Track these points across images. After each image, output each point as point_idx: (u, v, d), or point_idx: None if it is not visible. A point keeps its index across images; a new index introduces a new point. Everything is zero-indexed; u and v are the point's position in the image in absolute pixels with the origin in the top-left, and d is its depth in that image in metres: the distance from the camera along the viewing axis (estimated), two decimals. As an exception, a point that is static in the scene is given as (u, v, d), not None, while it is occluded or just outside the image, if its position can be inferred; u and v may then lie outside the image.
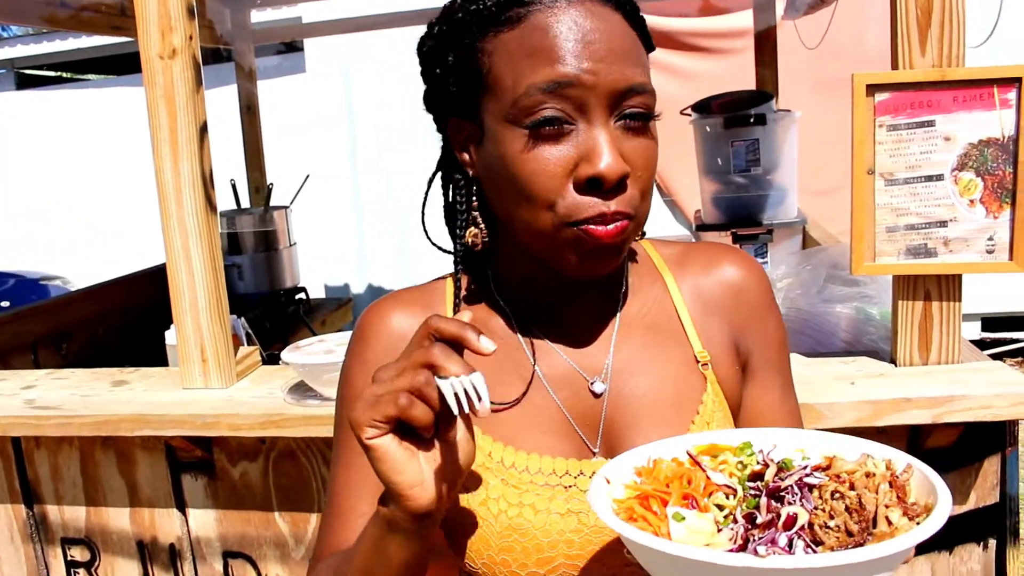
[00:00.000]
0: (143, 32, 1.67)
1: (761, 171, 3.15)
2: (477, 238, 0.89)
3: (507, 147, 0.80)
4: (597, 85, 0.77)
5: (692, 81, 4.86)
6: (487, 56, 0.81)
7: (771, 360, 0.95)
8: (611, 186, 0.78)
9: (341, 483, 0.90)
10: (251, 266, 3.74)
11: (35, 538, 1.94)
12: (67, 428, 1.74)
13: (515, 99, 0.78)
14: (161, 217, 1.74)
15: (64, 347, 3.13)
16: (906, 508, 0.61)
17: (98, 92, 6.92)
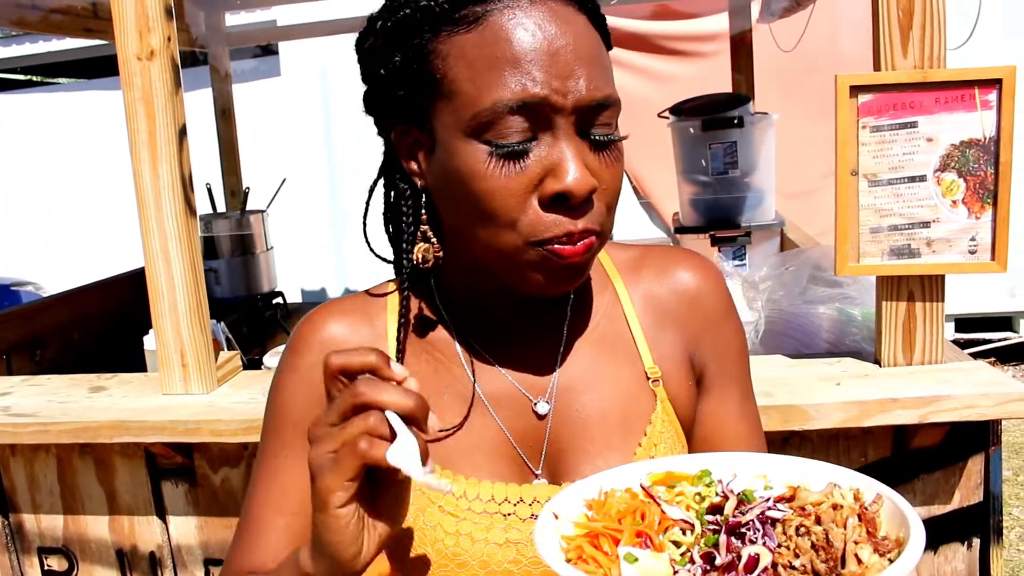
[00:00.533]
0: (120, 33, 1.64)
1: (739, 173, 3.16)
2: (429, 254, 0.82)
3: (464, 161, 0.74)
4: (566, 104, 0.72)
5: (666, 84, 4.88)
6: (441, 60, 0.74)
7: (728, 371, 0.91)
8: (579, 202, 0.73)
9: (260, 496, 0.87)
10: (228, 270, 3.69)
11: (11, 547, 1.90)
12: (44, 436, 1.70)
13: (476, 112, 0.72)
14: (140, 220, 1.71)
15: (38, 354, 3.07)
16: (877, 544, 0.58)
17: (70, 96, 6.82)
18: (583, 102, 0.73)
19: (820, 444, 1.48)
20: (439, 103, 0.75)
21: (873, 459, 1.47)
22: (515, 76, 0.71)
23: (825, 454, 1.48)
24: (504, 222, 0.74)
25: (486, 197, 0.73)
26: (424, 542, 0.81)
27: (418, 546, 0.82)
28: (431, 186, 0.80)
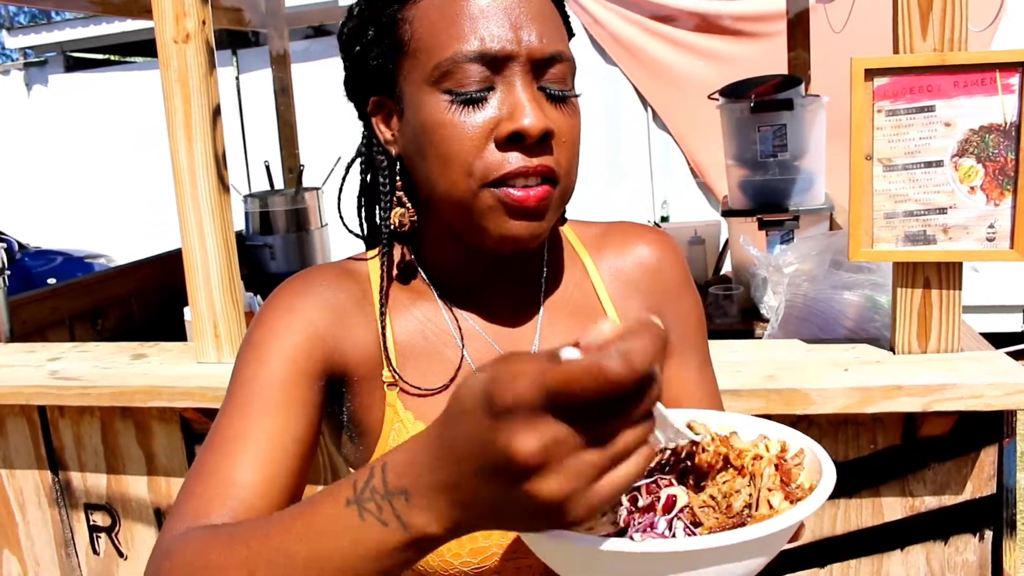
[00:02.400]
0: (158, 17, 1.72)
1: (788, 156, 3.12)
2: (404, 218, 0.86)
3: (427, 112, 0.78)
4: (519, 52, 0.76)
5: (725, 64, 4.81)
6: (408, 24, 0.80)
7: (688, 338, 0.95)
8: (533, 141, 0.76)
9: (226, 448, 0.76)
10: (283, 246, 3.81)
11: (60, 503, 2.02)
12: (85, 398, 1.80)
13: (437, 63, 0.77)
14: (176, 197, 1.79)
15: (99, 323, 3.23)
16: (788, 492, 0.61)
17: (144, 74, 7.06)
18: (535, 54, 0.77)
19: (828, 429, 1.48)
20: (405, 63, 0.80)
21: (882, 446, 1.46)
22: (472, 28, 0.76)
23: (834, 439, 1.48)
24: (461, 165, 0.77)
25: (445, 142, 0.77)
26: None
27: None
28: (403, 152, 0.85)
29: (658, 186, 5.73)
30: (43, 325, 2.94)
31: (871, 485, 1.48)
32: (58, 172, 7.41)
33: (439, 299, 0.91)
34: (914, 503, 1.48)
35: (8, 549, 2.07)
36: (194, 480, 0.74)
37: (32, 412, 1.97)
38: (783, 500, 0.60)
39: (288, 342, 0.81)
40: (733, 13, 4.81)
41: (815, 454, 0.64)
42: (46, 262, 5.75)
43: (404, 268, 0.92)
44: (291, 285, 0.88)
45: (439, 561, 0.85)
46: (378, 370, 0.87)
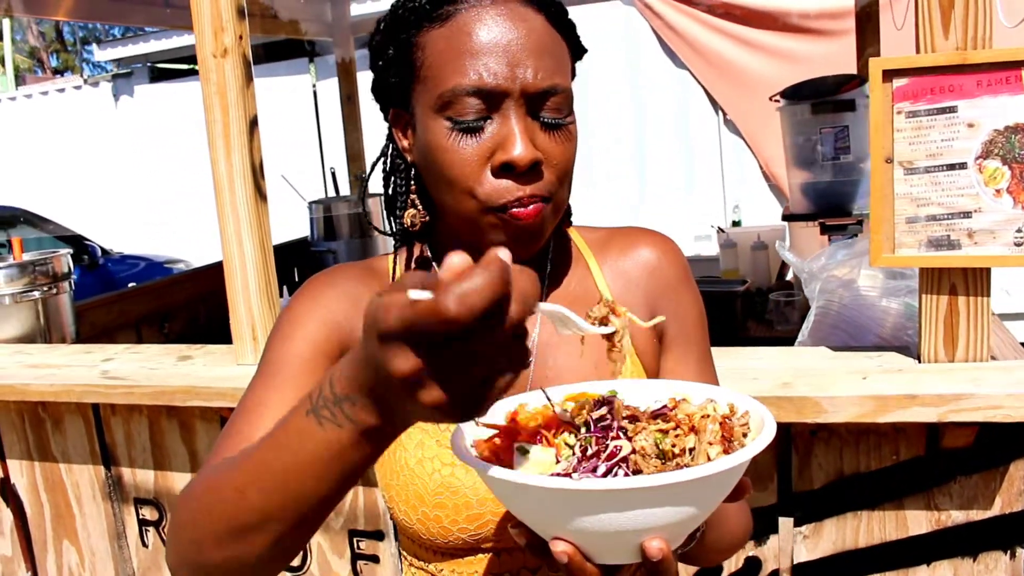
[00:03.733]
0: (199, 32, 1.82)
1: (851, 159, 3.07)
2: (415, 219, 0.97)
3: (432, 136, 0.88)
4: (512, 88, 0.85)
5: (793, 64, 4.72)
6: (420, 50, 0.89)
7: (687, 333, 1.01)
8: (523, 171, 0.85)
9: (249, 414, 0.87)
10: (346, 251, 3.92)
11: (112, 497, 2.15)
12: (130, 397, 1.92)
13: (440, 93, 0.86)
14: (216, 205, 1.89)
15: (166, 326, 3.40)
16: (727, 447, 0.66)
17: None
18: (529, 88, 0.86)
19: (849, 438, 1.46)
20: (417, 86, 0.90)
21: (906, 457, 1.44)
22: (472, 64, 0.85)
23: (855, 449, 1.46)
24: (463, 189, 0.87)
25: (447, 166, 0.87)
26: (423, 472, 0.93)
27: (418, 477, 0.93)
28: (416, 160, 0.95)
29: (729, 191, 5.66)
30: (111, 328, 3.11)
31: (894, 497, 1.46)
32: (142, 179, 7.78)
33: None
34: (940, 517, 1.45)
35: (67, 539, 2.21)
36: (221, 440, 0.86)
37: (87, 410, 2.10)
38: (720, 453, 0.65)
39: (311, 326, 0.93)
40: (801, 10, 4.73)
41: (762, 416, 0.69)
42: (128, 267, 6.05)
43: (419, 263, 1.02)
44: (317, 280, 0.99)
45: (439, 528, 0.93)
46: None
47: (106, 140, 8.11)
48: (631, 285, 1.02)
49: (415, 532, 0.95)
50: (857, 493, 1.47)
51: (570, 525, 0.62)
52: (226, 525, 0.71)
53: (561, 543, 0.65)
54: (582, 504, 0.60)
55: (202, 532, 0.73)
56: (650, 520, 0.61)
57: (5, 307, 2.49)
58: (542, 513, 0.64)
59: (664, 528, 0.62)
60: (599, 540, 0.63)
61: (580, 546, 0.64)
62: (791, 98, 3.15)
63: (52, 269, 2.57)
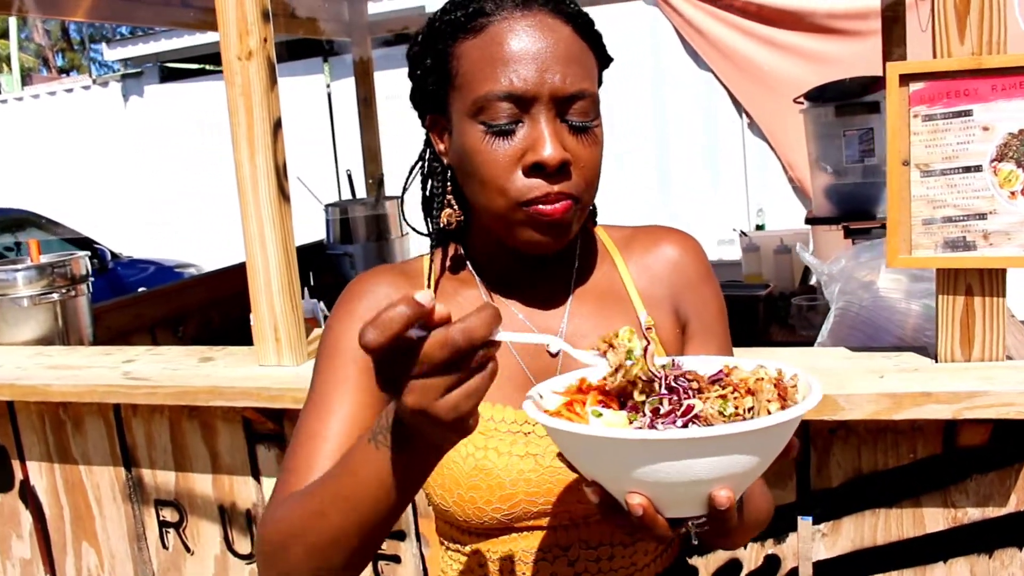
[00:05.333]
0: (224, 36, 1.92)
1: (876, 162, 3.14)
2: (452, 218, 1.07)
3: (468, 139, 0.98)
4: (542, 93, 0.95)
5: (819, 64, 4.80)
6: (456, 60, 0.99)
7: (709, 326, 1.12)
8: (553, 171, 0.95)
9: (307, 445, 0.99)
10: (363, 254, 4.02)
11: (133, 498, 2.25)
12: (153, 397, 2.02)
13: (475, 99, 0.96)
14: (240, 206, 1.99)
15: (180, 330, 3.50)
16: (784, 404, 0.77)
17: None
18: (558, 93, 0.96)
19: (867, 437, 1.54)
20: (453, 93, 1.00)
21: (923, 455, 1.52)
22: (504, 72, 0.96)
23: (873, 447, 1.54)
24: (496, 187, 0.97)
25: (481, 167, 0.97)
26: (458, 456, 1.03)
27: (452, 461, 1.03)
28: (452, 163, 1.06)
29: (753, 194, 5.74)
30: (126, 331, 3.22)
31: (911, 495, 1.54)
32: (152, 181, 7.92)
33: (482, 286, 1.11)
34: (956, 514, 1.52)
35: (87, 541, 2.32)
36: (284, 472, 1.00)
37: (108, 411, 2.21)
38: (779, 409, 0.76)
39: (352, 345, 1.04)
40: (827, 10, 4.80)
41: (807, 380, 0.80)
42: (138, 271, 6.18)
43: (454, 261, 1.13)
44: (351, 290, 1.10)
45: (474, 510, 1.02)
46: None
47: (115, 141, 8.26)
48: (655, 280, 1.12)
49: (451, 515, 1.05)
50: (875, 491, 1.55)
51: (648, 476, 0.72)
52: (312, 544, 0.86)
53: (637, 496, 0.75)
54: (665, 453, 0.70)
55: (292, 553, 0.88)
56: (721, 468, 0.71)
57: (24, 309, 2.60)
58: (622, 466, 0.73)
59: (731, 477, 0.73)
60: (673, 491, 0.73)
61: (653, 499, 0.74)
62: (815, 100, 3.22)
63: (70, 271, 2.68)
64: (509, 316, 1.09)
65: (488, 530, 1.05)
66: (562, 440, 0.78)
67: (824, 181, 3.26)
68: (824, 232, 3.26)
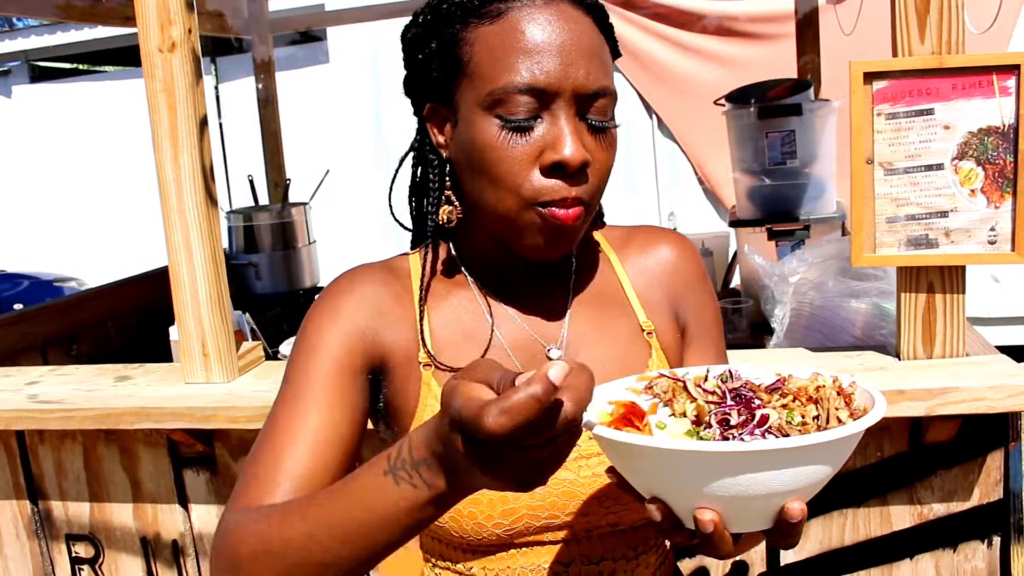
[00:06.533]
0: (143, 26, 1.82)
1: (798, 164, 3.23)
2: (452, 215, 1.02)
3: (479, 133, 0.93)
4: (564, 87, 0.91)
5: (732, 68, 4.93)
6: (468, 46, 0.95)
7: (706, 329, 1.12)
8: (573, 171, 0.92)
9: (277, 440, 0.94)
10: (268, 265, 3.89)
11: (40, 534, 2.11)
12: (69, 422, 1.89)
13: (492, 90, 0.92)
14: (162, 211, 1.89)
15: (74, 348, 3.32)
16: (852, 411, 0.76)
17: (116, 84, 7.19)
18: (580, 89, 0.93)
19: (834, 439, 1.57)
20: (463, 82, 0.95)
21: (890, 453, 1.56)
22: (525, 63, 0.91)
23: (840, 450, 1.58)
24: (509, 186, 0.93)
25: (496, 164, 0.93)
26: None
27: None
28: (453, 156, 1.01)
29: (664, 196, 5.85)
30: (14, 351, 3.03)
31: (879, 493, 1.58)
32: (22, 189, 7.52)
33: (476, 288, 1.07)
34: (922, 511, 1.57)
35: (-15, 583, 2.16)
36: (250, 469, 0.93)
37: (10, 439, 2.06)
38: (848, 416, 0.75)
39: (334, 342, 0.99)
40: (741, 14, 4.94)
41: (864, 387, 0.80)
42: (12, 286, 5.84)
43: (445, 260, 1.09)
44: (337, 285, 1.05)
45: (472, 525, 0.99)
46: (415, 354, 1.03)
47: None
48: (653, 282, 1.11)
49: (445, 531, 1.01)
50: (843, 491, 1.59)
51: (724, 491, 0.70)
52: (294, 565, 0.80)
53: (708, 511, 0.72)
54: (750, 465, 0.69)
55: (263, 570, 0.81)
56: (799, 480, 0.70)
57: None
58: (698, 481, 0.71)
59: (806, 489, 0.72)
60: (747, 505, 0.72)
61: (722, 514, 0.73)
62: (736, 101, 3.30)
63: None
64: (508, 322, 1.06)
65: (486, 547, 1.02)
66: (627, 455, 0.76)
67: (747, 183, 3.33)
68: (748, 234, 3.33)
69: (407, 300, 1.06)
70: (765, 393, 0.80)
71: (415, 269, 1.09)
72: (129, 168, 6.80)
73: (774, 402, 0.78)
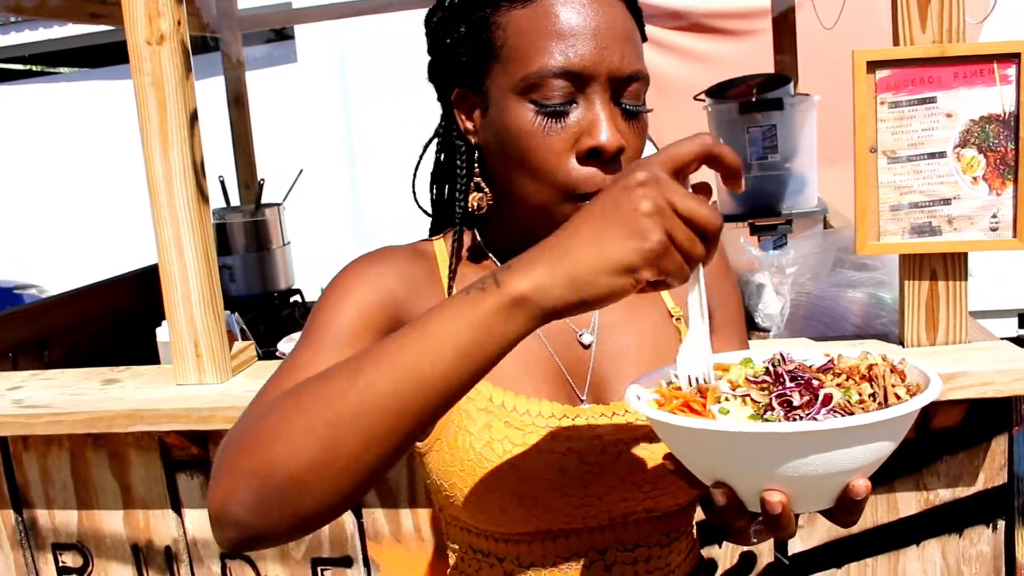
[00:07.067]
0: (129, 18, 1.80)
1: (779, 158, 3.27)
2: (482, 202, 1.02)
3: (513, 119, 0.94)
4: (600, 71, 0.92)
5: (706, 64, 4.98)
6: (500, 30, 0.95)
7: (730, 317, 1.14)
8: (610, 157, 0.92)
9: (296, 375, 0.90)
10: (242, 267, 3.86)
11: (25, 544, 2.07)
12: (58, 426, 1.86)
13: (526, 75, 0.92)
14: (152, 209, 1.87)
15: (45, 354, 3.27)
16: (908, 387, 0.78)
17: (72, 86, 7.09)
18: (615, 73, 0.93)
19: (841, 427, 1.60)
20: (495, 67, 0.96)
21: (896, 442, 1.59)
22: (560, 47, 0.91)
23: (847, 438, 1.61)
24: (545, 177, 0.93)
25: (531, 151, 0.93)
26: (494, 455, 0.98)
27: (487, 460, 0.98)
28: (483, 143, 1.01)
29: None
30: (-16, 358, 2.98)
31: (886, 481, 1.61)
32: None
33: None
34: (928, 497, 1.60)
35: (-33, 596, 2.12)
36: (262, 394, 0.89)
37: (-8, 446, 2.03)
38: (906, 392, 0.77)
39: (363, 296, 0.98)
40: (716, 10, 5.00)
41: (914, 365, 0.82)
42: (-32, 294, 5.74)
43: (471, 247, 1.09)
44: (366, 256, 1.04)
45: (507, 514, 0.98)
46: None
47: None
48: None
49: (478, 521, 1.01)
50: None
51: (795, 471, 0.71)
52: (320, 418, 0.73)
53: (777, 493, 0.74)
54: (824, 443, 0.70)
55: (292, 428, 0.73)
56: (866, 457, 0.72)
57: None
58: (769, 462, 0.72)
59: (870, 466, 0.74)
60: (816, 484, 0.73)
61: (790, 495, 0.74)
62: (716, 97, 3.33)
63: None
64: None
65: (520, 535, 1.03)
66: (694, 441, 0.77)
67: (728, 179, 3.37)
68: (730, 229, 3.37)
69: (435, 283, 1.06)
70: (820, 374, 0.81)
71: (440, 253, 1.09)
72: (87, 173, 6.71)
73: (829, 382, 0.79)
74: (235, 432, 0.80)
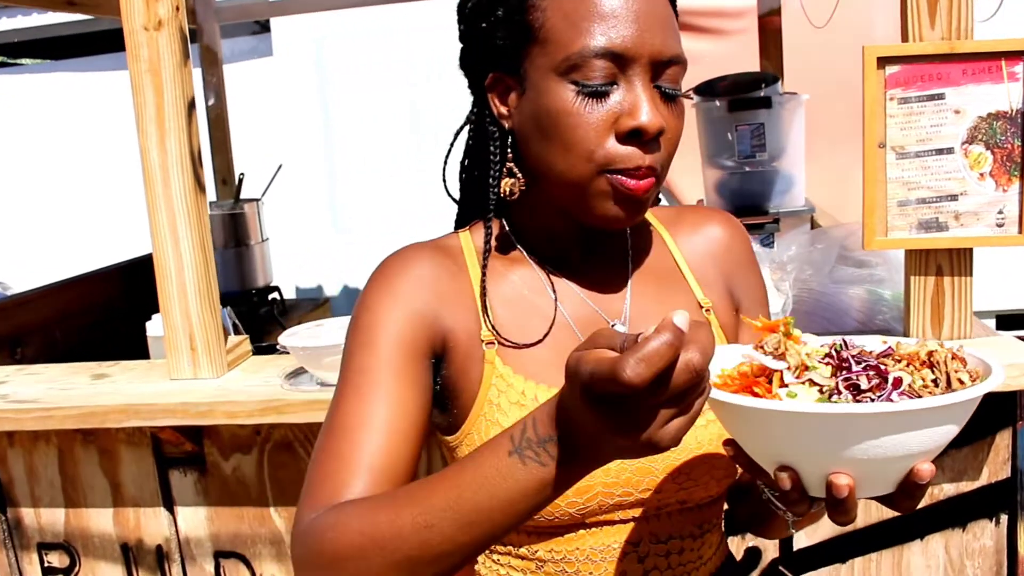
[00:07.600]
0: (126, 3, 1.78)
1: (767, 157, 3.31)
2: (515, 187, 1.03)
3: (554, 99, 0.95)
4: (642, 53, 0.93)
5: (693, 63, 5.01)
6: (539, 12, 0.96)
7: (756, 308, 1.14)
8: (650, 137, 0.94)
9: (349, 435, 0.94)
10: (221, 263, 3.77)
11: (8, 544, 2.04)
12: (48, 422, 1.84)
13: (567, 55, 0.93)
14: (146, 198, 1.86)
15: (18, 351, 3.22)
16: (970, 372, 0.80)
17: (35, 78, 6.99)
18: (656, 56, 0.94)
19: (848, 422, 1.63)
20: (534, 48, 0.97)
21: (902, 437, 1.62)
22: (602, 27, 0.92)
23: (853, 433, 1.63)
24: (583, 153, 0.94)
25: (571, 130, 0.94)
26: None
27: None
28: (517, 127, 1.02)
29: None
30: (-45, 354, 2.93)
31: (891, 476, 1.64)
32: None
33: (535, 264, 1.08)
34: (933, 491, 1.63)
35: (-53, 597, 2.09)
36: (323, 465, 0.93)
37: (-25, 442, 2.00)
38: (970, 379, 0.78)
39: (393, 327, 0.99)
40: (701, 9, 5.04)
41: (971, 352, 0.83)
42: (-71, 291, 5.63)
43: (500, 236, 1.10)
44: (389, 267, 1.04)
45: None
46: (476, 333, 1.03)
47: None
48: (706, 260, 1.13)
49: None
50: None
51: (864, 454, 0.73)
52: (406, 559, 0.81)
53: (844, 476, 0.75)
54: (895, 426, 0.72)
55: (370, 564, 0.82)
56: (932, 440, 0.73)
57: None
58: (837, 445, 0.73)
59: (935, 450, 0.75)
60: (883, 467, 0.74)
61: (856, 478, 0.75)
62: (705, 94, 3.37)
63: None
64: (571, 298, 1.07)
65: (555, 527, 1.03)
66: (762, 423, 0.77)
67: (716, 177, 3.40)
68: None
69: (463, 279, 1.06)
70: (883, 359, 0.83)
71: (467, 247, 1.09)
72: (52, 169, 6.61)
73: (893, 367, 0.80)
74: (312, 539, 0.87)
